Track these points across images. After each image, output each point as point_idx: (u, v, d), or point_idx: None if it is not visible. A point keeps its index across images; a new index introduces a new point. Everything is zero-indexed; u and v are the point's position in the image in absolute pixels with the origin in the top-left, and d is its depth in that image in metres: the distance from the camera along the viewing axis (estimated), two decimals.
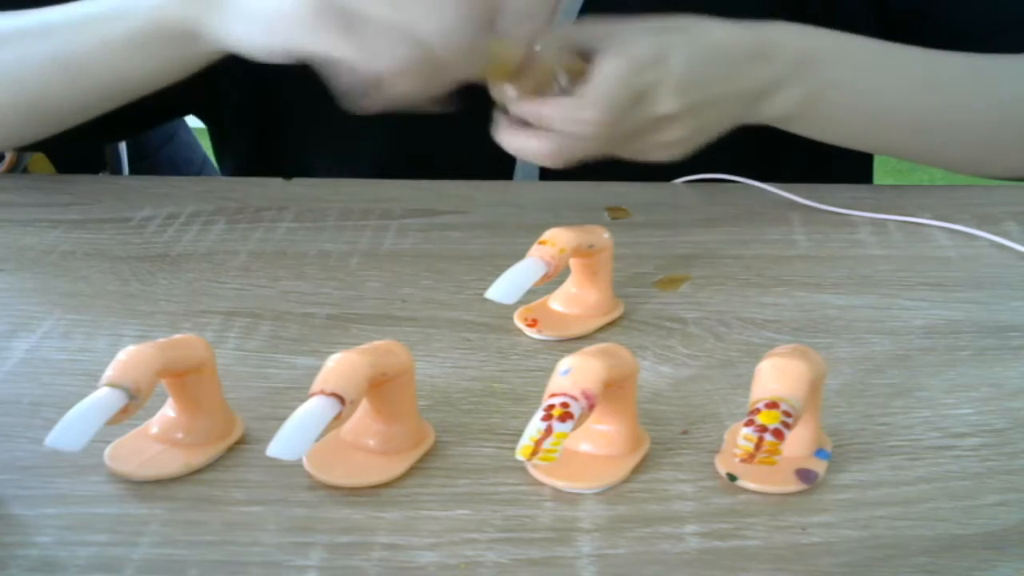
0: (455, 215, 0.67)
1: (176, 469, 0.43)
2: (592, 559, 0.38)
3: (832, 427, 0.45)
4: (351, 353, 0.41)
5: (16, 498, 0.42)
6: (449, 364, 0.51)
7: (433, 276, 0.59)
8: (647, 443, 0.44)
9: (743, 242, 0.63)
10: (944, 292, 0.57)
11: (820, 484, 0.42)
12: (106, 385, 0.41)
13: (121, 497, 0.42)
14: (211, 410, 0.45)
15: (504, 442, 0.45)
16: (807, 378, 0.40)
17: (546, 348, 0.52)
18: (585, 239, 0.52)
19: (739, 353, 0.51)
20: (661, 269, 0.60)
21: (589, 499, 0.41)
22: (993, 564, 0.38)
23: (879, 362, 0.51)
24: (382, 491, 0.42)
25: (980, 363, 0.50)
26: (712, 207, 0.68)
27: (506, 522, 0.40)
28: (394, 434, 0.44)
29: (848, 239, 0.63)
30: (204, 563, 0.38)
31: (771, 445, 0.39)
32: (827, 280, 0.58)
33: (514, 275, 0.49)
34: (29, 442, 0.45)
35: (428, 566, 0.38)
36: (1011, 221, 0.65)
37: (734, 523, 0.40)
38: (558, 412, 0.39)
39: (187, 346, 0.43)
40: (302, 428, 0.39)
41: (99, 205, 0.69)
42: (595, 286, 0.54)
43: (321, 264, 0.61)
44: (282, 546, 0.39)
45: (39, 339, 0.53)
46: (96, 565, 0.38)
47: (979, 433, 0.45)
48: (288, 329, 0.54)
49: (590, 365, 0.40)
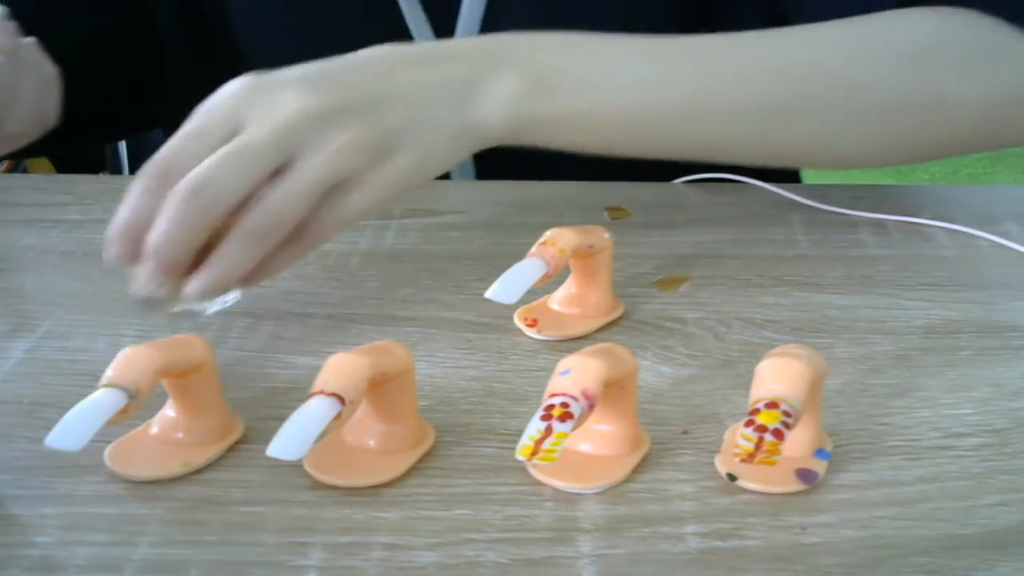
0: (455, 215, 0.67)
1: (176, 469, 0.43)
2: (592, 559, 0.38)
3: (832, 427, 0.45)
4: (351, 353, 0.41)
5: (16, 498, 0.42)
6: (449, 364, 0.51)
7: (433, 276, 0.59)
8: (647, 443, 0.44)
9: (743, 242, 0.63)
10: (944, 292, 0.57)
11: (820, 484, 0.42)
12: (106, 385, 0.41)
13: (121, 497, 0.42)
14: (211, 410, 0.45)
15: (504, 442, 0.45)
16: (807, 378, 0.40)
17: (546, 348, 0.52)
18: (585, 239, 0.52)
19: (739, 353, 0.51)
20: (661, 269, 0.60)
21: (589, 499, 0.41)
22: (993, 564, 0.38)
23: (879, 362, 0.51)
24: (382, 491, 0.42)
25: (980, 363, 0.50)
26: (712, 207, 0.68)
27: (506, 522, 0.40)
28: (394, 434, 0.44)
29: (848, 239, 0.63)
30: (204, 563, 0.38)
31: (771, 445, 0.39)
32: (827, 280, 0.58)
33: (514, 275, 0.49)
34: (29, 442, 0.45)
35: (428, 566, 0.38)
36: (1011, 221, 0.65)
37: (734, 523, 0.40)
38: (558, 412, 0.39)
39: (187, 346, 0.43)
40: (302, 428, 0.39)
41: (99, 205, 0.69)
42: (595, 286, 0.54)
43: (321, 264, 0.61)
44: (282, 546, 0.39)
45: (39, 339, 0.53)
46: (96, 565, 0.38)
47: (979, 433, 0.45)
48: (288, 329, 0.54)
49: (590, 365, 0.40)
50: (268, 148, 0.47)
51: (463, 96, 0.53)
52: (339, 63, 0.52)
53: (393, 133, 0.50)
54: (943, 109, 0.60)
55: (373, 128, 0.49)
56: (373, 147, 0.49)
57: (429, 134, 0.51)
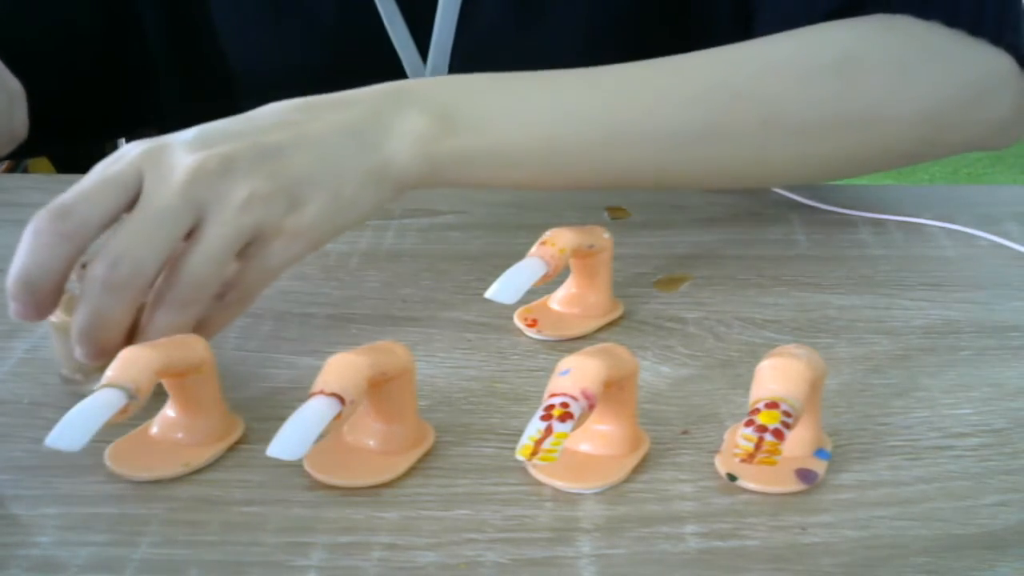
0: (455, 215, 0.67)
1: (176, 469, 0.43)
2: (592, 559, 0.38)
3: (832, 427, 0.45)
4: (351, 353, 0.41)
5: (16, 498, 0.42)
6: (449, 364, 0.51)
7: (433, 276, 0.59)
8: (647, 443, 0.44)
9: (743, 242, 0.63)
10: (944, 292, 0.57)
11: (820, 484, 0.42)
12: (106, 385, 0.41)
13: (121, 497, 0.42)
14: (211, 410, 0.45)
15: (504, 442, 0.45)
16: (807, 378, 0.40)
17: (546, 348, 0.52)
18: (585, 239, 0.52)
19: (739, 353, 0.51)
20: (661, 269, 0.60)
21: (589, 499, 0.41)
22: (993, 564, 0.38)
23: (879, 362, 0.51)
24: (382, 491, 0.42)
25: (980, 363, 0.50)
26: (712, 207, 0.68)
27: (506, 522, 0.40)
28: (394, 434, 0.44)
29: (848, 239, 0.63)
30: (204, 563, 0.38)
31: (771, 445, 0.39)
32: (827, 280, 0.58)
33: (514, 275, 0.49)
34: (29, 442, 0.45)
35: (428, 566, 0.38)
36: (1011, 221, 0.65)
37: (734, 523, 0.40)
38: (558, 412, 0.39)
39: (187, 346, 0.43)
40: (302, 428, 0.39)
41: None
42: (595, 286, 0.54)
43: (321, 264, 0.61)
44: (282, 546, 0.39)
45: (39, 339, 0.53)
46: (96, 565, 0.38)
47: (979, 433, 0.45)
48: (288, 329, 0.54)
49: (590, 365, 0.40)
50: (175, 210, 0.45)
51: (367, 137, 0.51)
52: (238, 119, 0.50)
53: (299, 181, 0.48)
54: (877, 123, 0.59)
55: (274, 177, 0.48)
56: (279, 197, 0.47)
57: (337, 178, 0.49)
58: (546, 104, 0.55)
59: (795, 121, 0.57)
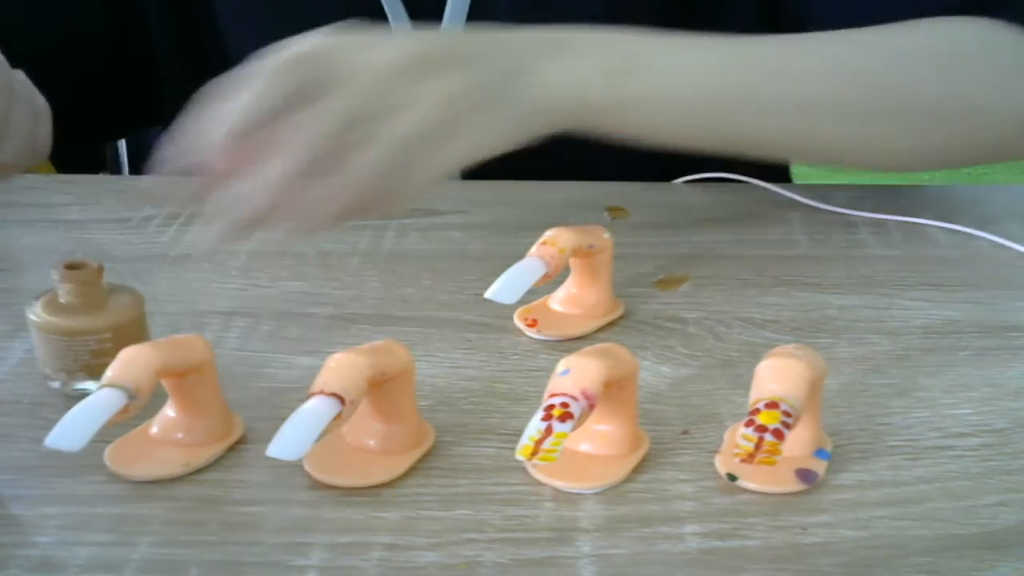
0: (455, 215, 0.67)
1: (176, 469, 0.43)
2: (592, 559, 0.38)
3: (832, 427, 0.45)
4: (351, 353, 0.41)
5: (16, 498, 0.42)
6: (449, 364, 0.51)
7: (433, 276, 0.59)
8: (647, 443, 0.44)
9: (743, 242, 0.63)
10: (944, 292, 0.57)
11: (820, 484, 0.42)
12: (106, 385, 0.41)
13: (121, 497, 0.42)
14: (211, 410, 0.45)
15: (504, 442, 0.45)
16: (807, 378, 0.40)
17: (546, 348, 0.52)
18: (585, 239, 0.52)
19: (739, 353, 0.51)
20: (661, 269, 0.60)
21: (589, 499, 0.41)
22: (993, 564, 0.38)
23: (879, 362, 0.51)
24: (382, 491, 0.42)
25: (980, 363, 0.50)
26: (712, 207, 0.68)
27: (506, 522, 0.40)
28: (394, 434, 0.44)
29: (848, 239, 0.63)
30: (204, 563, 0.38)
31: (771, 445, 0.39)
32: (827, 280, 0.58)
33: (514, 275, 0.49)
34: (29, 442, 0.45)
35: (428, 566, 0.38)
36: (1011, 221, 0.65)
37: (734, 523, 0.40)
38: (558, 412, 0.39)
39: (187, 346, 0.44)
40: (302, 428, 0.39)
41: (99, 205, 0.69)
42: (595, 286, 0.54)
43: (321, 264, 0.61)
44: (282, 546, 0.39)
45: None
46: (96, 565, 0.38)
47: (979, 433, 0.45)
48: (288, 329, 0.54)
49: (590, 365, 0.40)
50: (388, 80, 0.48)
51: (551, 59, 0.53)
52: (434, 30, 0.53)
53: (490, 87, 0.51)
54: (981, 116, 0.60)
55: (478, 75, 0.51)
56: (476, 93, 0.50)
57: (519, 92, 0.52)
58: (705, 58, 0.58)
59: (916, 107, 0.59)
